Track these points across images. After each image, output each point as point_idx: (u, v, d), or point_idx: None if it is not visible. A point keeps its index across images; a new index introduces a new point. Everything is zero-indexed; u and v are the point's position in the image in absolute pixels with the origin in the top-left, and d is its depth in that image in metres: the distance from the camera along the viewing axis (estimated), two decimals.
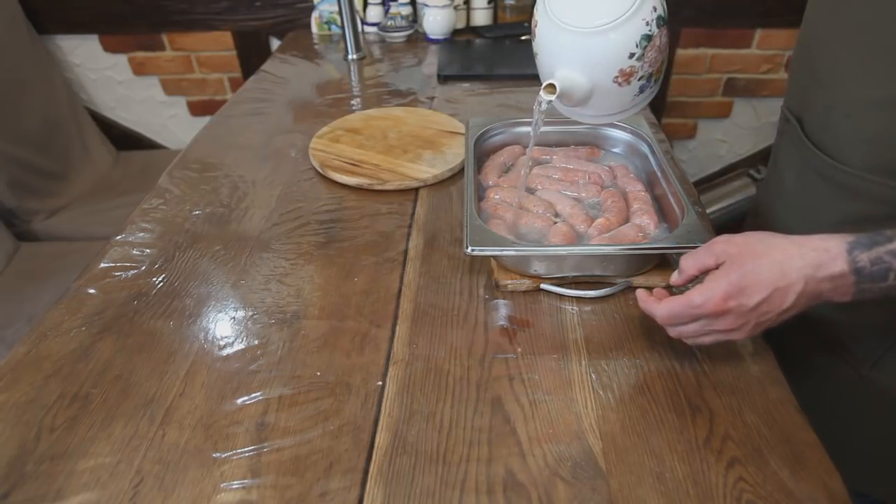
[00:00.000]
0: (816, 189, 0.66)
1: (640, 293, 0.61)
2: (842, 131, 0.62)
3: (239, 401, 0.60)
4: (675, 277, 0.60)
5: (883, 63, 0.57)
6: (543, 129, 0.95)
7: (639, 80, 0.67)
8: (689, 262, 0.57)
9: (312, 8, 1.62)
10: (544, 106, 0.70)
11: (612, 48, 0.64)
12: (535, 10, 0.71)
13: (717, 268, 0.55)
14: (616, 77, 0.66)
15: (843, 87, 0.61)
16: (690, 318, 0.56)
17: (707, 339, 0.57)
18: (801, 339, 0.72)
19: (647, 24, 0.63)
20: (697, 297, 0.54)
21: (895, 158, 0.58)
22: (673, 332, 0.59)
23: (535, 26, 0.70)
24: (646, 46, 0.64)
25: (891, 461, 0.71)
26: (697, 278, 0.58)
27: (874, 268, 0.49)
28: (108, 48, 1.86)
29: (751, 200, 1.82)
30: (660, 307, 0.57)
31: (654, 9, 0.64)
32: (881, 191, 0.58)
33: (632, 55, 0.64)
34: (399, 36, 1.56)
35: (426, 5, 1.50)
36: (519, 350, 0.65)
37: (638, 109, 0.73)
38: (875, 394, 0.67)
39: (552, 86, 0.67)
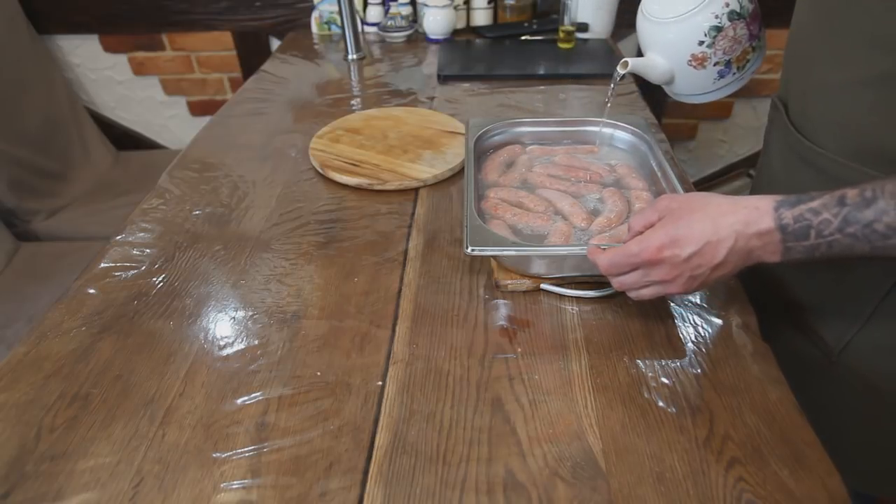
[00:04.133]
0: (800, 174, 0.67)
1: (589, 248, 0.64)
2: (816, 114, 0.64)
3: (239, 401, 0.60)
4: (624, 235, 0.63)
5: (847, 46, 0.57)
6: (544, 128, 0.95)
7: (714, 65, 0.78)
8: (637, 219, 0.61)
9: (312, 8, 1.62)
10: (618, 77, 0.84)
11: (682, 35, 0.77)
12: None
13: None
14: (689, 61, 0.78)
15: (815, 70, 0.63)
16: (629, 267, 0.59)
17: (647, 292, 0.60)
18: (777, 328, 0.73)
19: (717, 17, 0.74)
20: (634, 246, 0.57)
21: (865, 142, 0.58)
22: (615, 282, 0.62)
23: (637, 19, 0.84)
24: (715, 36, 0.75)
25: (864, 447, 0.71)
26: None
27: (797, 225, 0.51)
28: (108, 48, 1.86)
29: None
30: (602, 256, 0.61)
31: (727, 4, 0.74)
32: (854, 176, 0.59)
33: (701, 42, 0.76)
34: (399, 36, 1.56)
35: (426, 5, 1.50)
36: (519, 350, 0.65)
37: (727, 93, 0.83)
38: (846, 379, 0.67)
39: (626, 62, 0.81)
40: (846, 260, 0.52)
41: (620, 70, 0.82)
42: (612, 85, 0.86)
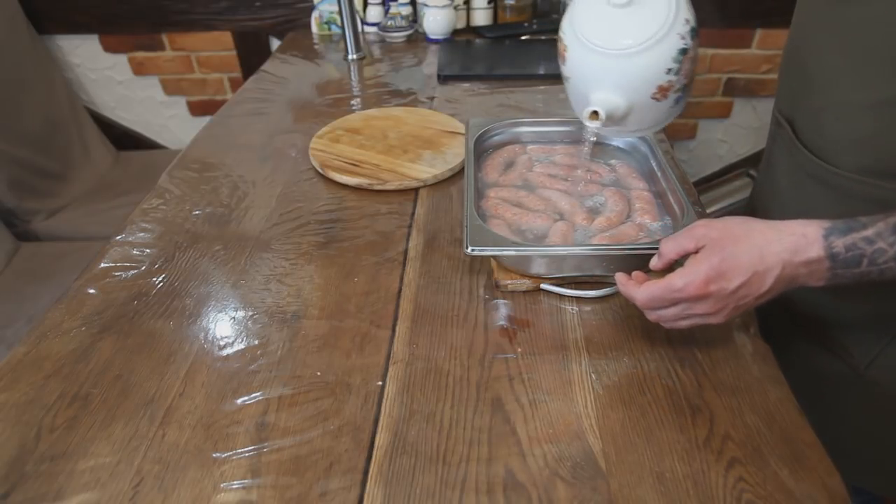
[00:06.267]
0: (808, 191, 0.66)
1: (618, 276, 0.60)
2: (833, 134, 0.62)
3: (239, 401, 0.60)
4: (654, 261, 0.60)
5: (874, 66, 0.57)
6: (544, 128, 0.95)
7: (675, 92, 0.67)
8: (670, 246, 0.57)
9: (312, 8, 1.62)
10: (591, 135, 0.70)
11: (649, 67, 0.64)
12: (560, 34, 0.70)
13: (696, 252, 0.55)
14: (654, 93, 0.66)
15: (834, 89, 0.61)
16: (671, 302, 0.56)
17: (685, 323, 0.57)
18: (799, 340, 0.73)
19: (682, 37, 0.63)
20: (678, 280, 0.54)
21: (885, 160, 0.58)
22: (651, 315, 0.59)
23: (565, 51, 0.69)
24: (681, 60, 0.64)
25: (889, 455, 0.71)
26: (677, 262, 0.58)
27: (848, 254, 0.50)
28: (108, 48, 1.86)
29: (745, 203, 1.82)
30: (640, 291, 0.57)
31: (687, 21, 0.64)
32: (871, 191, 0.59)
33: (669, 70, 0.64)
34: (399, 36, 1.56)
35: (426, 5, 1.50)
36: (519, 350, 0.65)
37: (671, 120, 0.73)
38: (873, 391, 0.67)
39: (595, 113, 0.67)
40: (892, 283, 0.51)
41: (592, 124, 0.68)
42: (585, 146, 0.73)
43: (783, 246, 0.51)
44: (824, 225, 0.51)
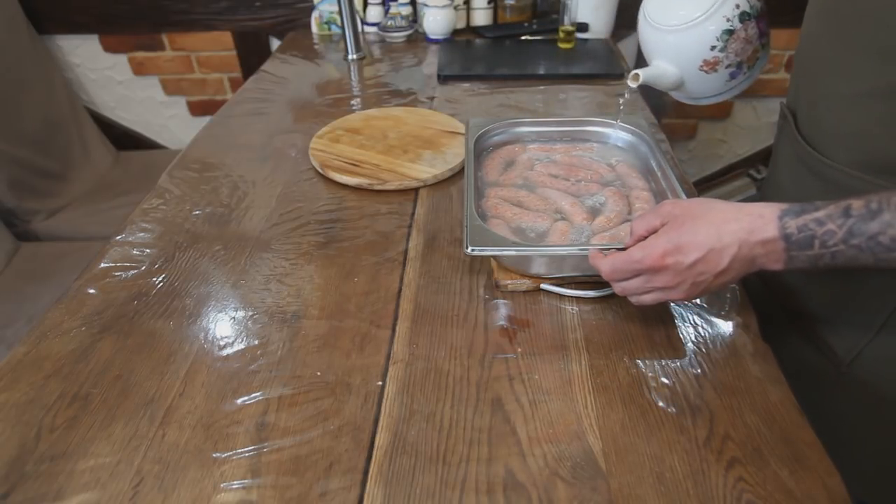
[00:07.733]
0: (808, 185, 0.66)
1: (591, 252, 0.64)
2: (825, 126, 0.63)
3: (239, 401, 0.60)
4: (628, 239, 0.63)
5: (858, 58, 0.57)
6: (544, 128, 0.95)
7: (726, 68, 0.76)
8: (640, 224, 0.60)
9: (312, 8, 1.63)
10: (628, 93, 0.86)
11: (693, 42, 0.75)
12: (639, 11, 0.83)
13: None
14: (701, 66, 0.76)
15: (824, 81, 0.62)
16: (632, 273, 0.58)
17: (648, 298, 0.60)
18: (793, 338, 0.72)
19: (729, 20, 0.72)
20: (638, 252, 0.57)
21: (874, 154, 0.58)
22: (617, 287, 0.61)
23: (639, 24, 0.83)
24: (727, 39, 0.73)
25: (872, 459, 0.70)
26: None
27: (801, 235, 0.51)
28: (108, 48, 1.86)
29: (751, 200, 1.82)
30: (604, 262, 0.61)
31: (737, 6, 0.72)
32: (863, 187, 0.59)
33: (713, 47, 0.74)
34: (399, 36, 1.56)
35: (426, 5, 1.50)
36: (519, 350, 0.65)
37: (738, 91, 0.82)
38: (856, 390, 0.67)
39: (636, 75, 0.79)
40: (850, 269, 0.51)
41: (632, 83, 0.80)
42: (622, 98, 0.85)
43: (740, 225, 0.53)
44: (781, 207, 0.53)
